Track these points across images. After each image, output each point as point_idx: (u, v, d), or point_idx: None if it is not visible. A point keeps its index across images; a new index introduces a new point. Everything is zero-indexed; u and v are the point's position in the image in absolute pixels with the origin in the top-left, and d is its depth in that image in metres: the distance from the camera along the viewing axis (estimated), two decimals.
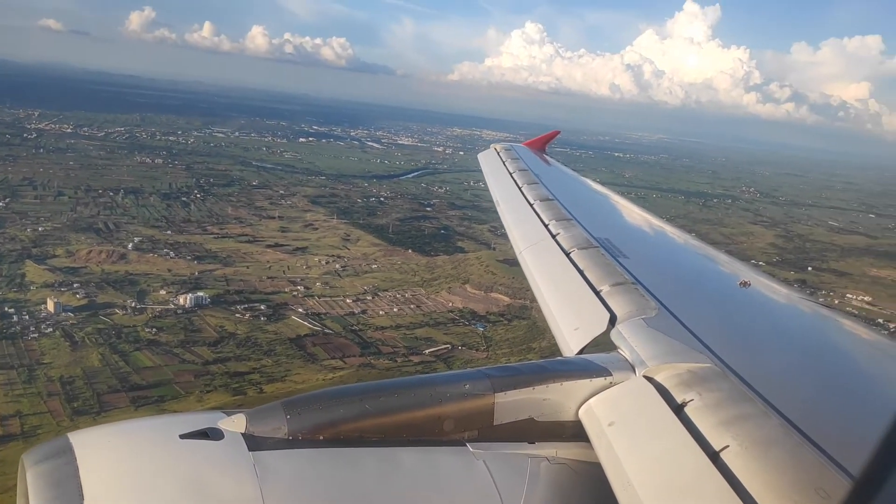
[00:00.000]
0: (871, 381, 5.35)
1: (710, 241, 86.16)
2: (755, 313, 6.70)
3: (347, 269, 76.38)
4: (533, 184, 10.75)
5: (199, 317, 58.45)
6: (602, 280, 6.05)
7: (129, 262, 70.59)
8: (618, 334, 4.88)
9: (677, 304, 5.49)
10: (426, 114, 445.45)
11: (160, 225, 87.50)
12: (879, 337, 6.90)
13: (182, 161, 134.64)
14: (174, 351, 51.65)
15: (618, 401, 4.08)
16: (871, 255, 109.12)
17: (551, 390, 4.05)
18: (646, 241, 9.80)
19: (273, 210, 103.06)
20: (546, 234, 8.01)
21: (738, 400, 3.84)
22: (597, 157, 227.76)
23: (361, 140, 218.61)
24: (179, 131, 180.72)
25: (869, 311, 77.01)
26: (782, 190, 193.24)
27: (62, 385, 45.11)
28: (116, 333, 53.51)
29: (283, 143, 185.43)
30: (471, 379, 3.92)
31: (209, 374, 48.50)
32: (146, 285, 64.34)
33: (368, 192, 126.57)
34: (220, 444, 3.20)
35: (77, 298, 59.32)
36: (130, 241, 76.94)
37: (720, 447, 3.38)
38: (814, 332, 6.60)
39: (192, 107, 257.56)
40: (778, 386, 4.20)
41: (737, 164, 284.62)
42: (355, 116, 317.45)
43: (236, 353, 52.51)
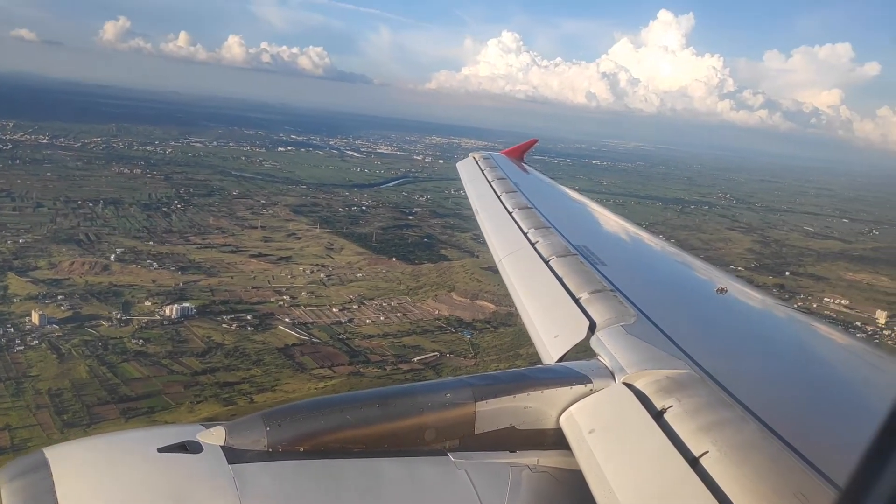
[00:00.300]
0: (848, 385, 5.41)
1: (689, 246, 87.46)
2: (732, 319, 6.73)
3: (332, 278, 76.42)
4: (511, 192, 10.85)
5: (185, 327, 58.19)
6: (581, 287, 6.10)
7: (113, 274, 70.11)
8: (597, 341, 4.92)
9: (655, 310, 5.56)
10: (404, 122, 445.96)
11: (142, 236, 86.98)
12: (854, 341, 7.06)
13: (161, 171, 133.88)
14: (162, 362, 51.38)
15: (598, 408, 4.10)
16: (846, 259, 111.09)
17: (532, 398, 4.05)
18: (623, 249, 9.85)
19: (255, 220, 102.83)
20: (525, 242, 8.07)
21: (717, 406, 3.85)
22: (575, 164, 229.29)
23: (340, 149, 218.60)
24: (156, 141, 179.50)
25: (847, 315, 78.38)
26: (757, 196, 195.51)
27: (51, 398, 44.74)
28: (103, 345, 53.13)
29: (261, 153, 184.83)
30: (452, 388, 3.91)
31: (199, 384, 48.31)
32: (131, 296, 63.97)
33: (350, 201, 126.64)
34: (199, 458, 3.17)
35: (62, 310, 58.86)
36: (113, 253, 76.41)
37: (700, 453, 3.38)
38: (790, 338, 6.58)
39: (169, 116, 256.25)
40: (756, 391, 4.23)
41: (712, 170, 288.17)
42: (334, 125, 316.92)
43: (225, 363, 52.34)
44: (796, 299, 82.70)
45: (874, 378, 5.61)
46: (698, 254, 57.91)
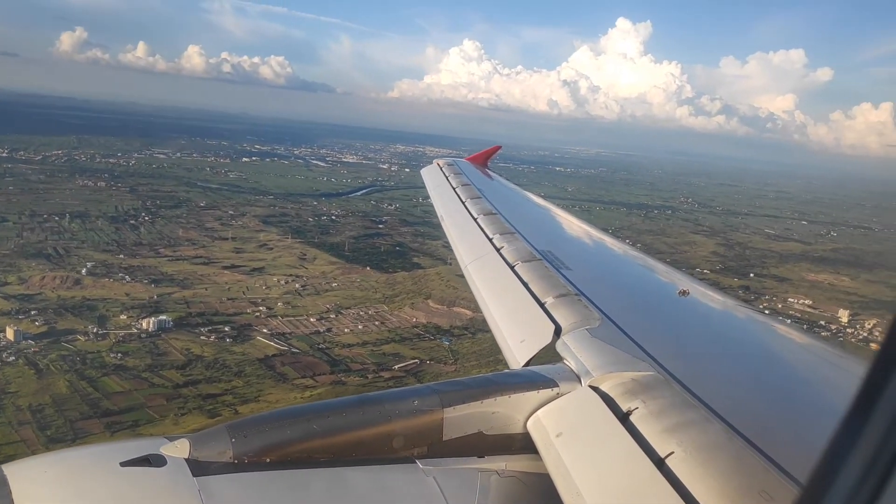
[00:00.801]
0: (807, 384, 5.51)
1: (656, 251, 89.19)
2: (695, 321, 6.79)
3: (307, 288, 76.51)
4: (476, 198, 10.95)
5: (163, 340, 57.93)
6: (546, 292, 6.14)
7: (85, 288, 69.41)
8: (563, 345, 4.95)
9: (619, 313, 5.63)
10: (368, 131, 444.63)
11: (111, 249, 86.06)
12: (812, 340, 7.21)
13: (125, 183, 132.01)
14: (142, 375, 51.11)
15: (565, 411, 4.10)
16: (807, 260, 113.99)
17: (499, 403, 4.06)
18: (587, 253, 9.99)
19: (225, 231, 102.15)
20: (490, 247, 8.12)
21: (682, 407, 3.88)
22: (539, 171, 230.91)
23: (306, 158, 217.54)
24: (119, 153, 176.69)
25: (811, 315, 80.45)
26: (718, 200, 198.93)
27: (32, 413, 44.29)
28: (81, 360, 52.68)
29: (226, 163, 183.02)
30: (419, 395, 3.91)
31: (181, 397, 48.22)
32: (105, 310, 63.37)
33: (319, 211, 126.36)
34: (163, 471, 3.13)
35: (36, 326, 58.19)
36: (83, 267, 75.50)
37: (665, 454, 3.41)
38: (751, 338, 6.68)
39: (130, 128, 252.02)
40: (719, 392, 4.27)
41: (673, 175, 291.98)
42: (297, 135, 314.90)
43: (206, 375, 52.26)
44: (761, 300, 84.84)
45: (833, 376, 5.73)
46: (665, 258, 59.99)
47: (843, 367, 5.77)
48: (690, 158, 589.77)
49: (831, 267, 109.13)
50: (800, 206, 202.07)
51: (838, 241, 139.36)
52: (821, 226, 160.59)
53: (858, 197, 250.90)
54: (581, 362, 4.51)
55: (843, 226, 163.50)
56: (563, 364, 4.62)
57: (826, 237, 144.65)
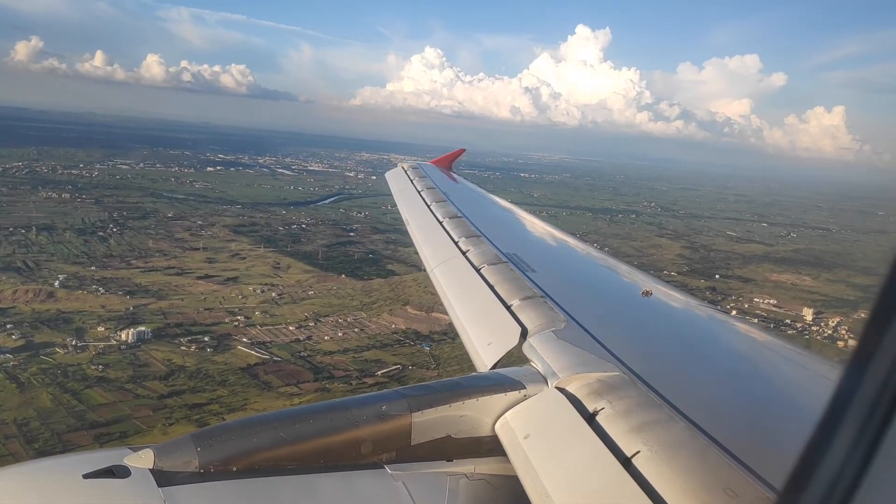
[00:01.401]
0: (768, 381, 5.56)
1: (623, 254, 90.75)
2: (658, 321, 6.88)
3: (284, 297, 76.54)
4: (441, 202, 10.99)
5: (143, 351, 57.55)
6: (512, 294, 6.22)
7: (59, 301, 68.63)
8: (529, 347, 5.00)
9: (584, 315, 5.71)
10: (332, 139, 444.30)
11: (82, 261, 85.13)
12: (771, 337, 7.33)
13: (90, 195, 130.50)
14: (126, 387, 50.79)
15: (532, 413, 4.13)
16: (769, 261, 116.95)
17: (467, 406, 4.09)
18: (552, 255, 10.07)
19: (195, 241, 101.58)
20: (456, 251, 8.22)
21: (647, 406, 3.92)
22: (504, 177, 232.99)
23: (271, 167, 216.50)
24: (81, 164, 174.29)
25: (776, 314, 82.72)
26: (680, 203, 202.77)
27: (18, 427, 43.76)
28: (62, 372, 52.09)
29: (190, 173, 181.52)
30: (387, 400, 3.92)
31: (167, 407, 48.04)
32: (82, 323, 62.79)
33: (288, 220, 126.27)
34: (127, 483, 3.08)
35: (13, 339, 57.42)
36: (56, 279, 74.61)
37: (632, 453, 3.45)
38: (713, 337, 6.76)
39: (90, 138, 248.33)
40: (682, 390, 4.33)
41: (635, 180, 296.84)
42: (261, 143, 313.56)
43: (189, 385, 52.10)
44: (728, 301, 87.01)
45: (792, 372, 5.86)
46: (633, 260, 61.96)
47: (802, 363, 5.97)
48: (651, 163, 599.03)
49: (793, 267, 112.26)
50: (759, 208, 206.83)
51: (798, 241, 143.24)
52: (780, 227, 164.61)
53: (815, 199, 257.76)
54: (547, 364, 4.57)
55: (801, 227, 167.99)
56: (530, 366, 4.68)
57: (786, 238, 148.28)
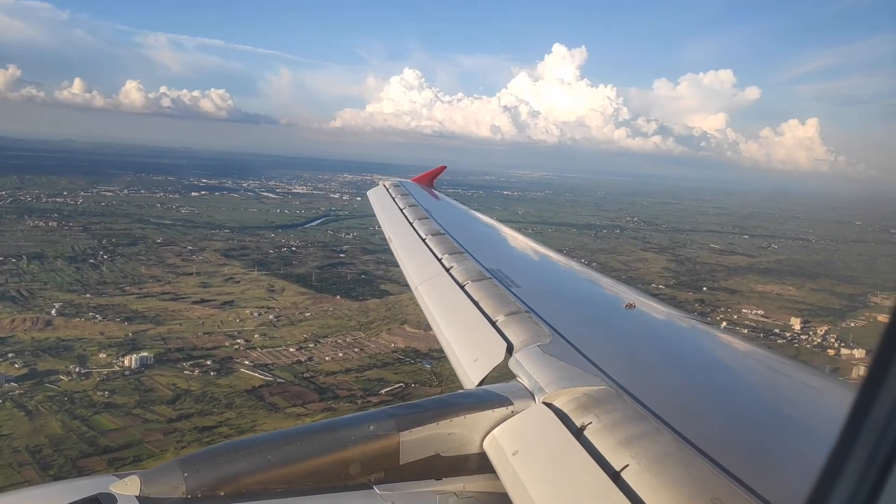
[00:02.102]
0: (751, 390, 5.57)
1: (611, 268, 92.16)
2: (642, 333, 6.87)
3: (282, 319, 77.10)
4: (424, 218, 10.96)
5: (147, 377, 57.94)
6: (497, 310, 6.20)
7: (57, 329, 68.80)
8: (516, 363, 4.99)
9: (569, 329, 5.71)
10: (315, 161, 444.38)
11: (76, 289, 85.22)
12: (753, 347, 7.39)
13: (77, 222, 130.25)
14: (134, 412, 51.20)
15: (520, 429, 4.11)
16: (753, 272, 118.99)
17: (455, 424, 4.06)
18: (535, 270, 10.08)
19: (187, 266, 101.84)
20: (440, 268, 8.15)
21: (634, 419, 3.90)
22: (488, 196, 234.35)
23: (255, 191, 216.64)
24: (65, 192, 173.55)
25: (765, 324, 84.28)
26: (662, 217, 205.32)
27: (31, 454, 44.07)
28: (69, 399, 52.40)
29: (176, 199, 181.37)
30: (375, 420, 3.90)
31: (177, 430, 48.53)
32: (83, 350, 63.02)
33: (278, 243, 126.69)
34: None
35: (16, 368, 57.62)
36: (52, 307, 74.79)
37: (620, 467, 3.43)
38: (696, 348, 6.75)
39: (72, 166, 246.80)
40: (668, 402, 4.33)
41: (616, 195, 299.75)
42: (244, 167, 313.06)
43: (197, 408, 52.57)
44: (717, 312, 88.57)
45: (775, 381, 5.87)
46: (621, 275, 63.83)
47: (784, 371, 6.07)
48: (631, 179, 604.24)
49: (777, 278, 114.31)
50: (739, 220, 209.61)
51: (780, 252, 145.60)
52: (761, 239, 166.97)
53: (792, 210, 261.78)
54: (534, 379, 4.56)
55: (781, 238, 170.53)
56: (517, 381, 4.68)
57: (768, 249, 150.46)
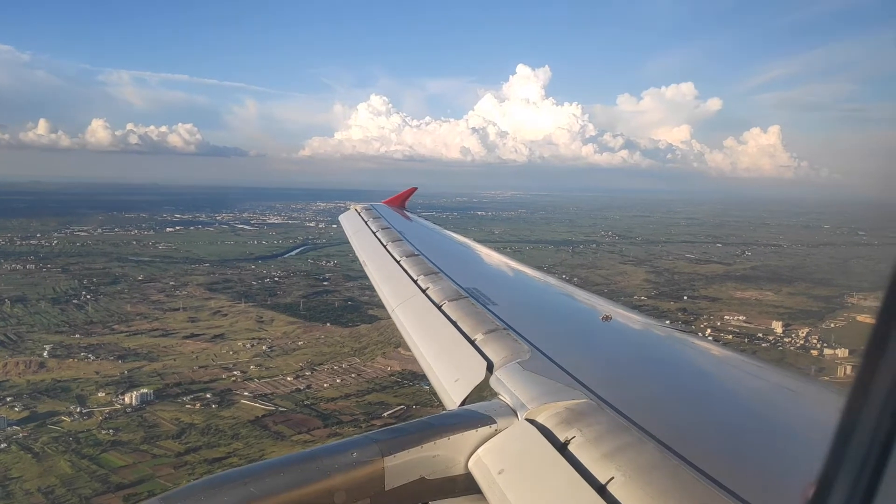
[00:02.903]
0: (730, 395, 5.58)
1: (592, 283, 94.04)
2: (620, 344, 6.86)
3: (275, 349, 77.57)
4: (397, 241, 10.90)
5: (150, 413, 58.18)
6: (475, 329, 6.16)
7: (51, 370, 68.66)
8: (496, 381, 4.94)
9: (548, 344, 5.69)
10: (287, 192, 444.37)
11: (65, 330, 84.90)
12: (729, 352, 7.44)
13: (55, 264, 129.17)
14: (141, 448, 51.49)
15: (504, 447, 4.09)
16: (731, 279, 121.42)
17: (439, 446, 4.00)
18: (511, 286, 10.05)
19: (173, 302, 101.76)
20: (416, 289, 8.11)
21: (617, 431, 3.90)
22: (462, 217, 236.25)
23: (230, 223, 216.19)
24: (38, 234, 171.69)
25: (748, 329, 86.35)
26: (635, 230, 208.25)
27: (44, 495, 44.27)
28: (74, 439, 52.59)
29: (151, 235, 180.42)
30: (357, 446, 3.83)
31: (187, 464, 48.88)
32: (80, 390, 63.06)
33: (260, 274, 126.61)
34: None
35: (16, 412, 57.54)
36: (43, 350, 74.58)
37: (606, 479, 3.43)
38: (673, 356, 6.76)
39: (42, 207, 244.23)
40: (649, 412, 4.34)
41: (588, 211, 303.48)
42: (216, 200, 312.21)
43: (203, 441, 52.98)
44: (700, 320, 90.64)
45: (754, 385, 5.93)
46: (603, 288, 66.15)
47: (762, 375, 6.13)
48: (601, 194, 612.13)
49: (754, 284, 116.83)
50: (711, 230, 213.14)
51: (754, 259, 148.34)
52: (734, 247, 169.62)
53: (761, 217, 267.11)
54: (516, 396, 4.55)
55: (754, 245, 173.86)
56: (499, 399, 4.65)
57: (742, 257, 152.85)
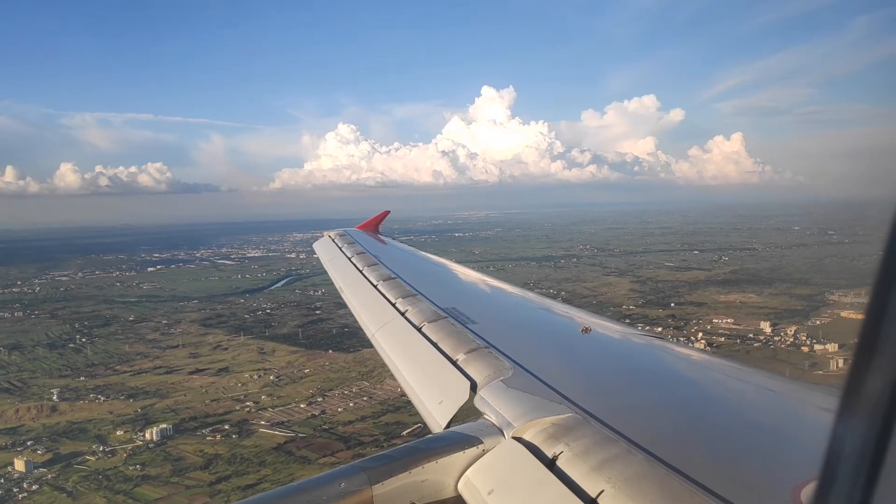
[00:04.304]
0: (713, 400, 5.60)
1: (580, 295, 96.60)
2: (600, 356, 6.80)
3: (283, 379, 78.66)
4: (373, 265, 10.90)
5: (172, 447, 59.07)
6: (456, 349, 6.11)
7: (64, 413, 69.12)
8: (481, 400, 4.92)
9: (530, 360, 5.67)
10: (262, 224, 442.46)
11: (68, 374, 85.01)
12: (710, 357, 7.47)
13: (42, 310, 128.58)
14: (172, 480, 52.44)
15: (492, 467, 4.08)
16: (713, 284, 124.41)
17: (427, 470, 4.01)
18: (489, 304, 9.96)
19: (169, 340, 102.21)
20: (395, 312, 8.10)
21: (604, 443, 3.89)
22: (441, 239, 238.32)
23: (211, 259, 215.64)
24: (18, 281, 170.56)
25: (737, 331, 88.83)
26: (613, 243, 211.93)
27: None
28: (104, 476, 53.39)
29: (133, 276, 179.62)
30: (345, 476, 3.83)
31: (220, 492, 49.93)
32: (98, 430, 63.68)
33: (250, 307, 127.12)
34: None
35: (39, 454, 58.10)
36: (52, 394, 74.93)
37: (596, 493, 3.42)
38: (655, 365, 6.71)
39: (15, 254, 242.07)
40: (635, 422, 4.33)
41: (562, 226, 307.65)
42: (193, 238, 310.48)
43: (232, 469, 53.94)
44: (690, 325, 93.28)
45: (736, 388, 5.98)
46: (591, 300, 70.11)
47: (746, 379, 6.18)
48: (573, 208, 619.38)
49: (736, 287, 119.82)
50: (685, 237, 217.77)
51: (731, 264, 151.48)
52: (711, 253, 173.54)
53: (732, 222, 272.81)
54: (501, 414, 4.54)
55: (729, 250, 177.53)
56: (485, 419, 4.63)
57: (720, 262, 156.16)
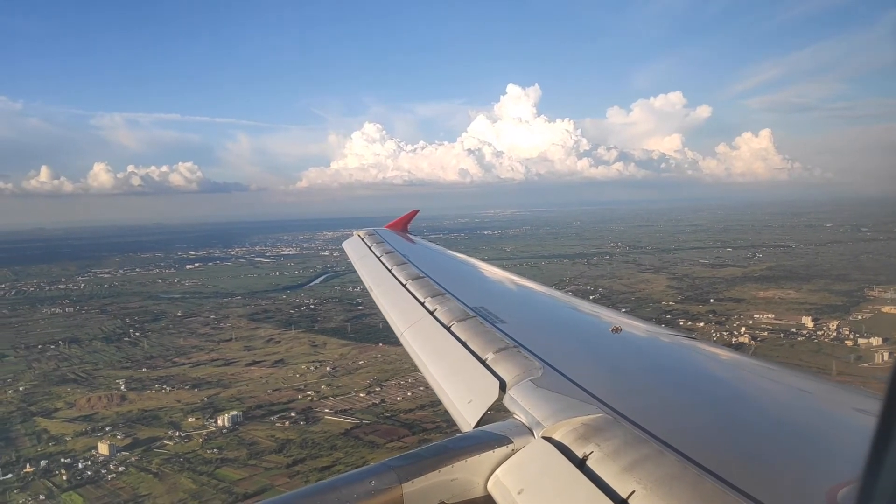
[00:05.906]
0: (745, 400, 5.54)
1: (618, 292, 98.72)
2: (631, 356, 6.77)
3: (339, 370, 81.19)
4: (402, 264, 11.01)
5: (244, 432, 61.65)
6: (485, 348, 6.12)
7: (134, 402, 72.08)
8: (510, 399, 4.95)
9: (559, 359, 5.65)
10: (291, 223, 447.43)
11: (129, 366, 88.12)
12: (740, 357, 7.46)
13: (91, 305, 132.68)
14: (250, 462, 55.01)
15: (522, 467, 4.08)
16: (750, 281, 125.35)
17: (457, 469, 4.01)
18: (518, 303, 9.96)
19: (221, 334, 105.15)
20: (423, 311, 8.10)
21: (635, 444, 3.88)
22: (470, 237, 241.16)
23: (246, 257, 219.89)
24: (62, 279, 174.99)
25: (780, 325, 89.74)
26: (644, 240, 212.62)
27: None
28: (185, 459, 56.00)
29: (173, 273, 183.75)
30: (375, 474, 3.85)
31: (299, 472, 52.30)
32: (169, 417, 66.41)
33: (294, 303, 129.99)
34: None
35: (119, 439, 61.00)
36: (118, 384, 78.07)
37: (627, 493, 3.42)
38: (684, 364, 6.70)
39: (55, 253, 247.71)
40: (666, 423, 4.34)
41: (591, 224, 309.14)
42: (226, 236, 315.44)
43: (306, 453, 56.32)
44: (732, 320, 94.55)
45: (767, 388, 5.94)
46: (630, 296, 73.14)
47: (777, 378, 6.18)
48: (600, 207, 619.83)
49: (774, 283, 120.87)
50: (717, 235, 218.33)
51: (766, 260, 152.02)
52: (745, 250, 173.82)
53: (763, 219, 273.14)
54: (531, 414, 4.54)
55: (763, 247, 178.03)
56: (514, 419, 4.64)
57: (754, 259, 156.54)
